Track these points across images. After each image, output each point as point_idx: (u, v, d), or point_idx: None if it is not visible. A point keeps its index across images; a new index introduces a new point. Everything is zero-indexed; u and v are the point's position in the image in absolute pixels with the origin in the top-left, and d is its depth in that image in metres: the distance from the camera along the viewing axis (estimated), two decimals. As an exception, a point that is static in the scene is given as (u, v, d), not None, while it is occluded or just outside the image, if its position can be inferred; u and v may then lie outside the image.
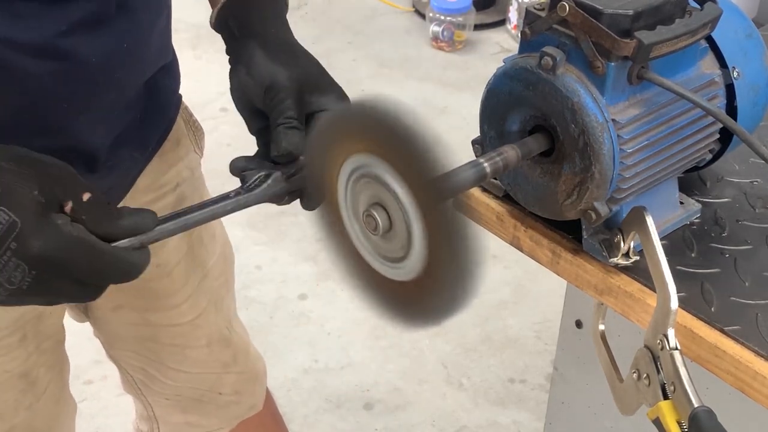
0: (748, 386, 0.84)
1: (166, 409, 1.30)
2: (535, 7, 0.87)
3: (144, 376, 1.25)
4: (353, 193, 0.76)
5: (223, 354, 1.26)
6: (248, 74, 0.92)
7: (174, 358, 1.22)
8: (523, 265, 2.39)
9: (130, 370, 1.26)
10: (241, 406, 1.33)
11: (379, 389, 2.17)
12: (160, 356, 1.21)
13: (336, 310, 2.37)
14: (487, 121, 0.93)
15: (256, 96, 0.91)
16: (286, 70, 0.90)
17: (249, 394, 1.33)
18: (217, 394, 1.28)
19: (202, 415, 1.31)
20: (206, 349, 1.23)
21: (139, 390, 1.28)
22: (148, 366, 1.23)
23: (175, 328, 1.18)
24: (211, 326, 1.23)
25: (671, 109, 0.89)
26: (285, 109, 0.88)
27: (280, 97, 0.89)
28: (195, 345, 1.22)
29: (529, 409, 2.12)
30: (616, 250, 0.89)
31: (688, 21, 0.85)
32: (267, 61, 0.91)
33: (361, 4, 3.70)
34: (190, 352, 1.22)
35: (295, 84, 0.90)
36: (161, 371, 1.23)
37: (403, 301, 0.77)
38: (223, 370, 1.27)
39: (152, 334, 1.18)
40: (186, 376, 1.24)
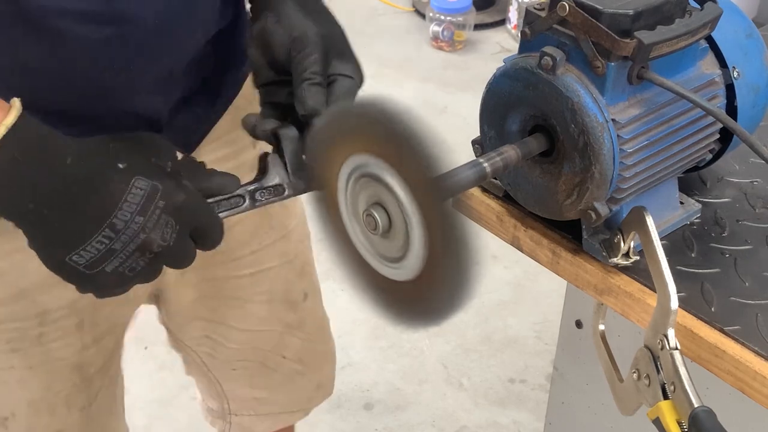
0: (748, 386, 0.84)
1: (234, 382, 1.29)
2: (535, 7, 0.87)
3: (209, 347, 1.24)
4: (353, 193, 0.76)
5: (286, 314, 1.24)
6: (277, 22, 0.90)
7: (235, 313, 1.21)
8: (523, 265, 2.39)
9: (195, 346, 1.25)
10: (306, 379, 1.31)
11: (379, 389, 2.17)
12: (223, 314, 1.20)
13: (336, 310, 2.36)
14: (487, 121, 0.93)
15: (281, 45, 0.90)
16: (316, 25, 0.90)
17: (315, 367, 1.32)
18: (280, 357, 1.27)
19: (270, 389, 1.30)
20: (266, 306, 1.22)
21: (205, 366, 1.27)
22: (212, 331, 1.22)
23: (234, 280, 1.17)
24: (277, 284, 1.21)
25: (671, 109, 0.89)
26: (311, 63, 0.88)
27: (307, 51, 0.88)
28: (255, 300, 1.21)
29: (529, 409, 2.12)
30: (616, 250, 0.89)
31: (688, 21, 0.85)
32: (298, 14, 0.90)
33: (361, 4, 3.70)
34: (251, 306, 1.21)
35: (324, 41, 0.89)
36: (224, 334, 1.22)
37: (402, 301, 0.77)
38: (285, 329, 1.25)
39: (214, 289, 1.17)
40: (249, 335, 1.23)
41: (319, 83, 0.88)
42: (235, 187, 0.84)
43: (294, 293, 1.25)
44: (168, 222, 0.76)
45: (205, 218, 0.80)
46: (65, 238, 0.75)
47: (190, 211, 0.78)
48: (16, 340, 0.99)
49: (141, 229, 0.75)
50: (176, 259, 0.79)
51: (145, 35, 0.84)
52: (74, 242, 0.75)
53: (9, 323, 0.98)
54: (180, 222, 0.77)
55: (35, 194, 0.73)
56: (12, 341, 0.99)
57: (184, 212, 0.77)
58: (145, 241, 0.76)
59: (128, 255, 0.76)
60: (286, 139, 0.87)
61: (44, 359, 1.02)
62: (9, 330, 0.98)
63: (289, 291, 1.24)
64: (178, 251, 0.78)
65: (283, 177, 0.86)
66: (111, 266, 0.76)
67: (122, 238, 0.75)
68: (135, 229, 0.75)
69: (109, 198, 0.75)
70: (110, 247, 0.75)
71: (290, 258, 1.22)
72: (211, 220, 0.81)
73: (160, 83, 0.91)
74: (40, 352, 1.01)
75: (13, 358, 1.00)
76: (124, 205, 0.75)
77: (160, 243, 0.76)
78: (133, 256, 0.76)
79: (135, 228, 0.75)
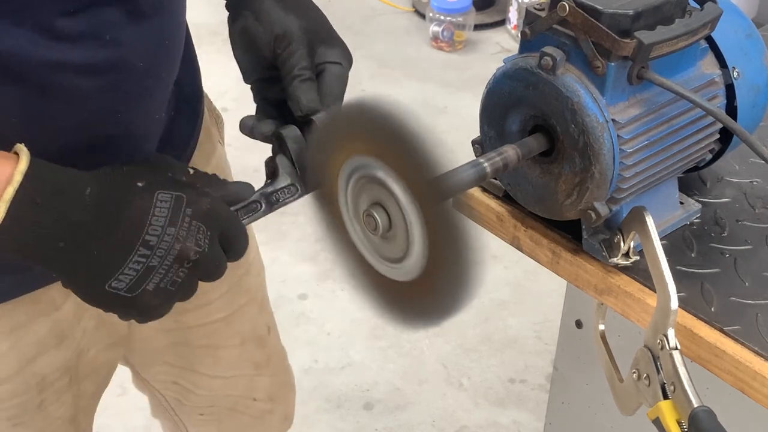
0: (748, 386, 0.84)
1: (202, 427, 1.28)
2: (535, 7, 0.87)
3: (177, 392, 1.23)
4: (353, 193, 0.76)
5: (255, 354, 1.23)
6: (256, 20, 0.90)
7: (206, 361, 1.19)
8: (523, 265, 2.39)
9: (162, 390, 1.23)
10: (275, 416, 1.31)
11: (379, 389, 2.17)
12: (193, 362, 1.19)
13: (336, 310, 2.37)
14: (487, 121, 0.93)
15: (265, 44, 0.90)
16: (297, 19, 0.90)
17: (282, 401, 1.31)
18: (251, 400, 1.26)
19: (238, 431, 1.29)
20: (239, 348, 1.21)
21: (172, 410, 1.26)
22: (181, 378, 1.21)
23: (206, 326, 1.16)
24: (246, 324, 1.20)
25: (671, 109, 0.89)
26: (298, 59, 0.88)
27: (292, 47, 0.88)
28: (227, 344, 1.20)
29: (529, 409, 2.12)
30: (616, 250, 0.89)
31: (688, 21, 0.85)
32: (277, 8, 0.90)
33: (361, 4, 3.70)
34: (223, 352, 1.20)
35: (307, 34, 0.89)
36: (194, 381, 1.21)
37: (403, 301, 0.77)
38: (255, 372, 1.24)
39: (184, 337, 1.16)
40: (219, 382, 1.22)
41: (309, 78, 0.87)
42: (250, 192, 0.84)
43: (260, 329, 1.24)
44: (199, 228, 0.76)
45: (232, 223, 0.80)
46: (101, 267, 0.74)
47: (218, 216, 0.78)
48: (18, 416, 0.99)
49: (175, 240, 0.75)
50: (211, 268, 0.79)
51: (136, 80, 0.84)
52: (111, 269, 0.74)
53: (10, 400, 0.97)
54: (210, 227, 0.77)
55: (63, 231, 0.73)
56: (13, 417, 0.99)
57: (212, 217, 0.77)
58: (181, 251, 0.75)
59: (167, 268, 0.75)
60: (289, 139, 0.87)
61: (45, 424, 1.02)
62: (10, 407, 0.98)
63: (255, 328, 1.23)
64: (212, 259, 0.78)
65: (293, 177, 0.86)
66: (152, 284, 0.75)
67: (158, 253, 0.75)
68: (169, 242, 0.75)
69: (137, 217, 0.75)
70: (148, 264, 0.75)
71: (253, 293, 1.21)
72: (237, 224, 0.81)
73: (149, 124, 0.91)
74: (41, 418, 1.01)
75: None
76: (152, 220, 0.75)
77: (196, 250, 0.76)
78: (172, 269, 0.76)
79: (169, 240, 0.75)
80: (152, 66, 0.86)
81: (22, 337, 0.94)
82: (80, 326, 1.00)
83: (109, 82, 0.81)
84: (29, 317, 0.94)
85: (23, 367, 0.96)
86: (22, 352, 0.95)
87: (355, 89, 2.35)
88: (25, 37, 0.75)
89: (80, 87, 0.79)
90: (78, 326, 0.99)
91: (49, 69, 0.77)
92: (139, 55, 0.83)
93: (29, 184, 0.71)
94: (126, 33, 0.81)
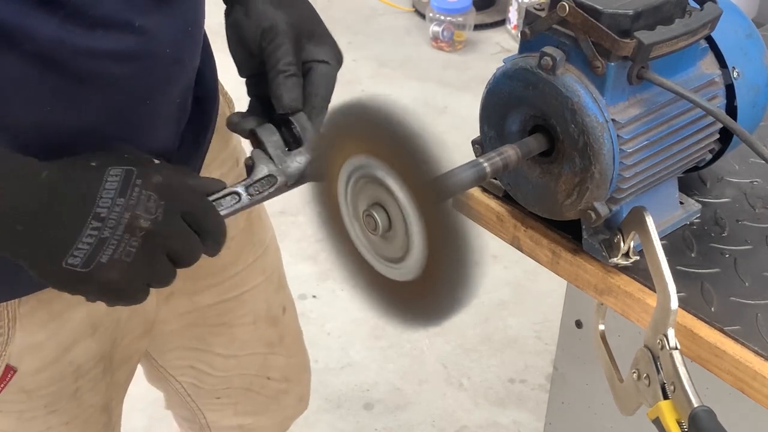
0: (748, 386, 0.84)
1: (218, 411, 1.28)
2: (535, 7, 0.87)
3: (193, 377, 1.24)
4: (353, 193, 0.76)
5: (268, 332, 1.24)
6: (246, 14, 0.91)
7: (221, 340, 1.20)
8: (523, 265, 2.39)
9: (178, 376, 1.24)
10: (290, 396, 1.31)
11: (379, 389, 2.17)
12: (208, 342, 1.20)
13: (336, 310, 2.37)
14: (487, 122, 0.93)
15: (252, 39, 0.90)
16: (284, 14, 0.90)
17: (297, 381, 1.32)
18: (265, 379, 1.26)
19: (255, 414, 1.29)
20: (252, 327, 1.21)
21: (189, 396, 1.27)
22: (197, 360, 1.22)
23: (220, 305, 1.17)
24: (260, 303, 1.21)
25: (671, 109, 0.89)
26: (283, 54, 0.88)
27: (277, 41, 0.88)
28: (240, 322, 1.20)
29: (529, 409, 2.12)
30: (616, 250, 0.89)
31: (688, 21, 0.85)
32: (267, 4, 0.91)
33: (361, 4, 3.70)
34: (236, 331, 1.20)
35: (294, 29, 0.89)
36: (210, 362, 1.22)
37: (403, 301, 0.77)
38: (268, 350, 1.25)
39: (200, 317, 1.17)
40: (234, 361, 1.23)
41: (293, 74, 0.88)
42: (220, 186, 0.84)
43: (274, 309, 1.24)
44: (150, 197, 0.76)
45: (194, 200, 0.80)
46: (56, 245, 0.75)
47: (172, 188, 0.78)
48: (53, 403, 1.00)
49: (125, 209, 0.75)
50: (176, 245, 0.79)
51: (164, 66, 0.86)
52: (66, 245, 0.75)
53: (47, 388, 0.99)
54: (164, 198, 0.77)
55: (19, 215, 0.74)
56: (49, 404, 1.00)
57: (165, 189, 0.78)
58: (131, 219, 0.75)
59: (119, 239, 0.75)
60: (263, 135, 0.88)
61: (79, 411, 1.03)
62: (47, 394, 0.99)
63: (269, 307, 1.23)
64: (171, 230, 0.78)
65: (270, 167, 0.87)
66: (106, 256, 0.75)
67: (109, 224, 0.75)
68: (119, 212, 0.75)
69: (88, 191, 0.76)
70: (100, 237, 0.75)
71: (269, 273, 1.21)
72: (203, 204, 0.81)
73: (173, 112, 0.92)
74: (76, 405, 1.02)
75: (50, 420, 1.01)
76: (103, 192, 0.75)
77: (146, 217, 0.76)
78: (124, 239, 0.76)
79: (119, 210, 0.75)
80: (177, 52, 0.87)
81: (59, 327, 0.96)
82: (114, 316, 1.02)
83: (139, 68, 0.83)
84: (65, 307, 0.96)
85: (60, 355, 0.98)
86: (59, 341, 0.97)
87: (355, 89, 2.37)
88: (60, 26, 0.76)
89: (113, 74, 0.81)
90: (111, 316, 1.01)
91: (85, 56, 0.79)
92: (165, 42, 0.84)
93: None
94: (153, 19, 0.82)
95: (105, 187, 0.76)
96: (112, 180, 0.76)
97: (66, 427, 1.03)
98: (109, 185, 0.76)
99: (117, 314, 1.02)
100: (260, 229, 1.19)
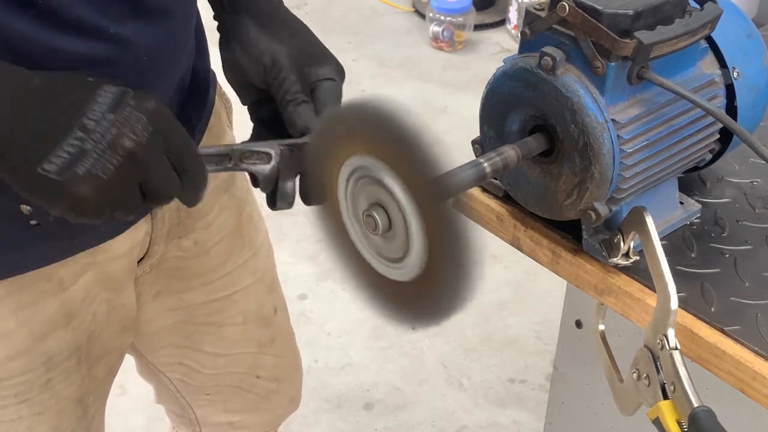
0: (748, 386, 0.84)
1: (208, 408, 1.28)
2: (535, 7, 0.87)
3: (182, 374, 1.24)
4: (353, 193, 0.76)
5: (259, 333, 1.24)
6: (242, 50, 0.92)
7: (210, 338, 1.20)
8: (523, 265, 2.39)
9: (168, 372, 1.24)
10: (280, 395, 1.31)
11: (379, 389, 2.17)
12: (197, 340, 1.20)
13: (336, 310, 2.37)
14: (487, 121, 0.93)
15: (255, 73, 0.91)
16: (283, 47, 0.91)
17: (289, 382, 1.32)
18: (254, 377, 1.26)
19: (244, 411, 1.29)
20: (241, 327, 1.22)
21: (178, 392, 1.27)
22: (186, 358, 1.22)
23: (210, 304, 1.17)
24: (251, 303, 1.21)
25: (671, 109, 0.89)
26: (290, 85, 0.89)
27: (282, 75, 0.89)
28: (230, 322, 1.20)
29: (529, 409, 2.12)
30: (616, 250, 0.89)
31: (688, 21, 0.85)
32: (262, 38, 0.92)
33: (361, 4, 3.70)
34: (226, 330, 1.20)
35: (295, 60, 0.90)
36: (199, 360, 1.22)
37: (403, 301, 0.77)
38: (258, 350, 1.25)
39: (189, 315, 1.17)
40: (223, 360, 1.23)
41: (303, 101, 0.89)
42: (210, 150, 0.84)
43: (265, 309, 1.25)
44: (139, 119, 0.75)
45: (181, 134, 0.79)
46: (36, 148, 0.73)
47: (164, 120, 0.77)
48: (24, 392, 1.00)
49: (112, 125, 0.74)
50: (155, 177, 0.77)
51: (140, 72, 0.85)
52: (45, 150, 0.73)
53: (18, 377, 0.98)
54: (153, 124, 0.76)
55: (4, 116, 0.73)
56: (20, 394, 1.00)
57: (156, 116, 0.76)
58: (116, 136, 0.74)
59: (100, 153, 0.73)
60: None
61: (51, 402, 1.03)
62: (17, 384, 0.99)
63: (260, 308, 1.23)
64: (152, 157, 0.76)
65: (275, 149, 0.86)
66: (83, 168, 0.73)
67: (94, 137, 0.73)
68: (105, 126, 0.74)
69: (78, 101, 0.74)
70: (82, 147, 0.73)
71: (260, 275, 1.21)
72: (188, 141, 0.79)
73: None
74: (48, 396, 1.02)
75: (21, 409, 1.01)
76: (94, 105, 0.74)
77: (132, 137, 0.74)
78: (105, 155, 0.74)
79: (106, 125, 0.74)
80: (156, 60, 0.86)
81: (30, 316, 0.95)
82: (90, 309, 1.01)
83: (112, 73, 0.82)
84: (37, 296, 0.95)
85: (31, 345, 0.97)
86: (30, 330, 0.96)
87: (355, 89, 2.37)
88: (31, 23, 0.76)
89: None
90: (88, 309, 1.01)
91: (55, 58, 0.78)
92: (143, 49, 0.84)
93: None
94: (130, 28, 0.82)
95: (97, 100, 0.74)
96: (105, 95, 0.75)
97: (38, 418, 1.02)
98: (102, 99, 0.75)
99: (94, 308, 1.01)
100: (251, 231, 1.19)
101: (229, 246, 1.15)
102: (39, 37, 0.77)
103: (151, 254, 1.06)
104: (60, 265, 0.95)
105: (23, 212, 0.87)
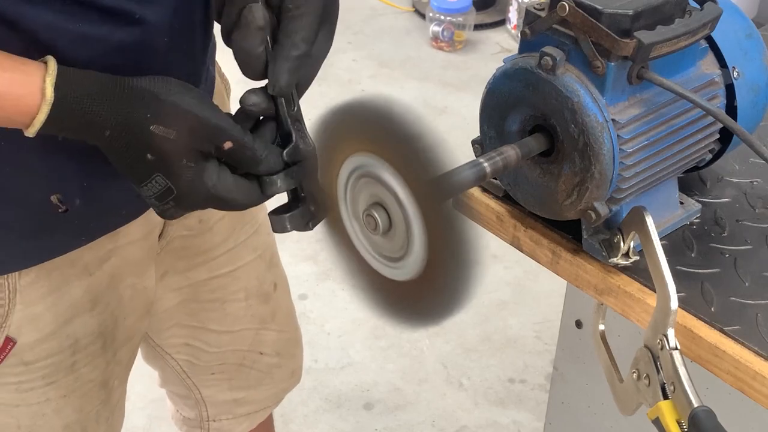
0: (748, 386, 0.84)
1: (213, 387, 1.30)
2: (535, 7, 0.87)
3: (189, 354, 1.26)
4: (353, 193, 0.76)
5: (260, 309, 1.26)
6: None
7: (214, 315, 1.22)
8: (523, 265, 2.39)
9: (174, 354, 1.26)
10: (282, 370, 1.33)
11: (379, 389, 2.17)
12: (202, 318, 1.22)
13: (336, 310, 2.37)
14: (487, 121, 0.93)
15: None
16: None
17: (290, 356, 1.34)
18: (257, 354, 1.28)
19: (248, 388, 1.31)
20: (243, 303, 1.23)
21: (185, 373, 1.29)
22: (192, 338, 1.24)
23: (213, 281, 1.19)
24: (252, 280, 1.23)
25: (671, 109, 0.89)
26: (303, 27, 0.81)
27: (303, 9, 0.81)
28: (233, 298, 1.22)
29: (529, 409, 2.12)
30: (615, 250, 0.89)
31: (688, 21, 0.85)
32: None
33: (361, 4, 3.70)
34: (229, 306, 1.22)
35: (323, 9, 0.84)
36: (205, 338, 1.24)
37: (403, 301, 0.77)
38: (260, 326, 1.27)
39: (193, 293, 1.19)
40: (227, 337, 1.24)
41: (304, 54, 0.82)
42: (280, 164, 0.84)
43: (265, 285, 1.26)
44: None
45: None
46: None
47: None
48: (51, 374, 1.02)
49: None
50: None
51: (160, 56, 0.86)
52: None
53: (45, 360, 1.01)
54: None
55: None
56: (47, 376, 1.02)
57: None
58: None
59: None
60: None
61: (77, 385, 1.05)
62: (45, 366, 1.01)
63: (261, 284, 1.25)
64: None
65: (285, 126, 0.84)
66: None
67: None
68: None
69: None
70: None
71: (261, 251, 1.23)
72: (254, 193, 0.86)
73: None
74: (73, 378, 1.04)
75: (48, 391, 1.03)
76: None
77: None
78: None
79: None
80: (175, 42, 0.87)
81: (57, 300, 0.98)
82: (115, 294, 1.04)
83: (135, 58, 0.83)
84: (64, 280, 0.98)
85: (58, 328, 0.99)
86: (57, 313, 0.99)
87: (355, 89, 2.38)
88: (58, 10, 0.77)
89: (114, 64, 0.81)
90: (113, 294, 1.03)
91: (78, 44, 0.79)
92: (163, 32, 0.85)
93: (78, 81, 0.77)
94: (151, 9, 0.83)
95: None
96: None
97: (63, 400, 1.04)
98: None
99: (119, 293, 1.04)
100: (253, 209, 1.19)
101: (232, 222, 1.17)
102: (66, 27, 0.78)
103: (165, 235, 1.08)
104: (84, 251, 0.98)
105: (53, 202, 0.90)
